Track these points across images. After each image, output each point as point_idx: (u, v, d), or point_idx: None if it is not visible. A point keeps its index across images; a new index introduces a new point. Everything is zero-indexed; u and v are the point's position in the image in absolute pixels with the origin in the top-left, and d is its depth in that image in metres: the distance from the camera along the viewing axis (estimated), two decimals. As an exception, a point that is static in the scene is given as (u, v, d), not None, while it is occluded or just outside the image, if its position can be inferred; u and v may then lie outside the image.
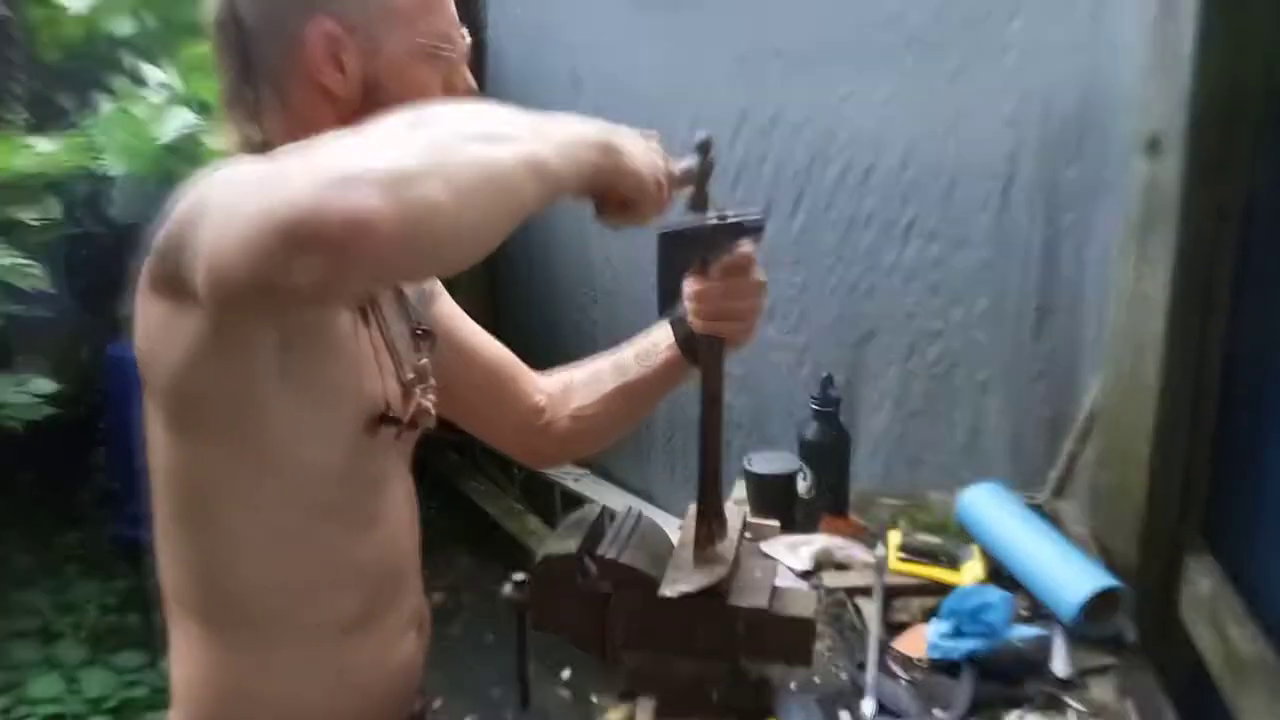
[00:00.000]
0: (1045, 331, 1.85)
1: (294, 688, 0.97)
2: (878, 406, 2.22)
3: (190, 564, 0.95)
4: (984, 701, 1.11)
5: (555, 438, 1.23)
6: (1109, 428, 1.47)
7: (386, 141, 0.66)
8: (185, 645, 0.98)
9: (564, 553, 1.11)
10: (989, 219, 1.92)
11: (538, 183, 0.71)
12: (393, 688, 1.06)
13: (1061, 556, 1.28)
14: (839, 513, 1.52)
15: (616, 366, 1.20)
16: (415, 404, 1.01)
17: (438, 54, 0.92)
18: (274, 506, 0.91)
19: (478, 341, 1.21)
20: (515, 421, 1.23)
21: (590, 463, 3.52)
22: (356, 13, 0.88)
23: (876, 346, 2.21)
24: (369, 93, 0.90)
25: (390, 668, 1.05)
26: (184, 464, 0.91)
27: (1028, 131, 1.83)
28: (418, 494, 1.13)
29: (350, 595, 0.99)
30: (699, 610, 1.07)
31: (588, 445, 1.28)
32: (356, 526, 0.98)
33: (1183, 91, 1.26)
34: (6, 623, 3.17)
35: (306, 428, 0.90)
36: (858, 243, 2.22)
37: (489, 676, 3.03)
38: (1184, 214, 1.30)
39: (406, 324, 1.05)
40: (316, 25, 0.87)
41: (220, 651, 0.96)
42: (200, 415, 0.88)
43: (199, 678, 0.98)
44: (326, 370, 0.90)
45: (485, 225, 0.69)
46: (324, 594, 0.97)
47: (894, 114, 2.09)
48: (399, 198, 0.61)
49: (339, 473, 0.93)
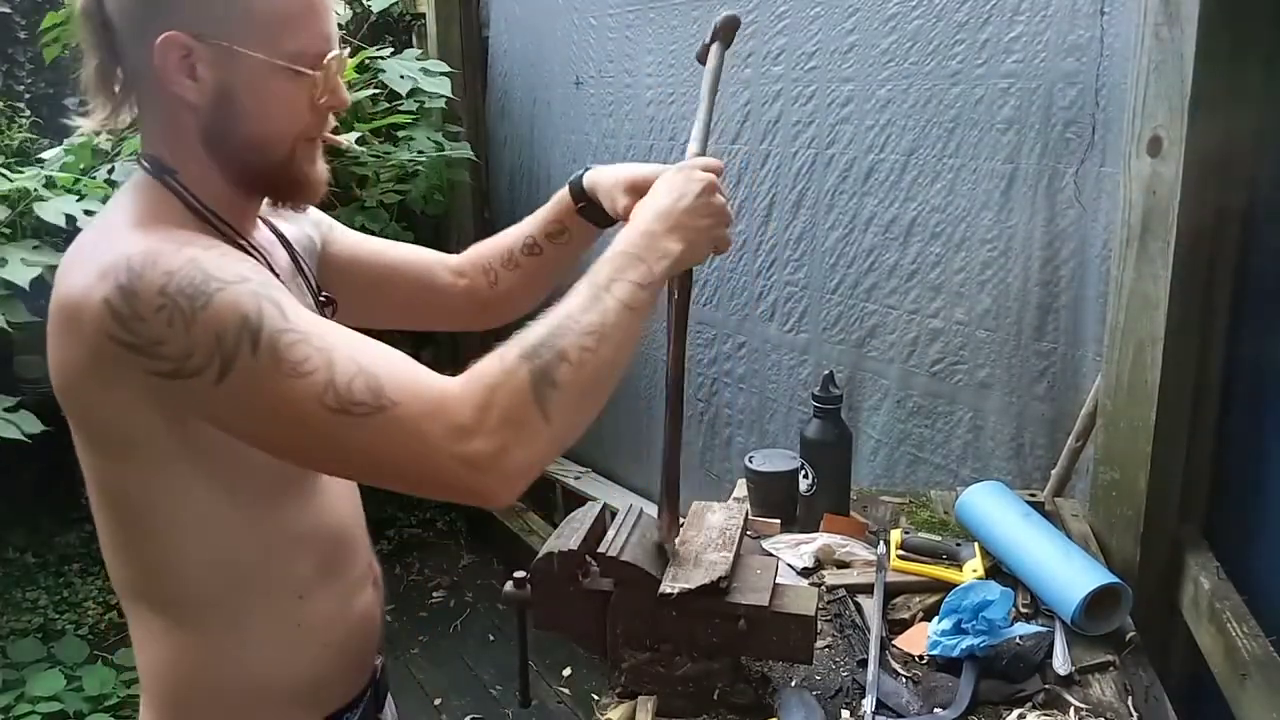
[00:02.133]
0: (1046, 331, 1.85)
1: (258, 654, 1.00)
2: (879, 405, 2.23)
3: (136, 558, 0.97)
4: (984, 699, 1.12)
5: (492, 302, 1.29)
6: (1109, 426, 1.47)
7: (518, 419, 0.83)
8: (145, 635, 1.00)
9: (565, 551, 1.11)
10: (990, 218, 1.92)
11: (627, 361, 0.91)
12: (355, 640, 1.09)
13: (1062, 554, 1.28)
14: (840, 511, 1.52)
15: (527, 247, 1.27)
16: None
17: (298, 73, 0.93)
18: (209, 500, 0.93)
19: (386, 254, 1.26)
20: (448, 306, 1.29)
21: (591, 462, 3.52)
22: (212, 23, 0.88)
23: (878, 345, 2.21)
24: (223, 102, 0.91)
25: (350, 621, 1.08)
26: (114, 477, 0.93)
27: (1028, 132, 1.83)
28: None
29: (303, 562, 1.02)
30: (699, 608, 1.07)
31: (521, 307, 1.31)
32: (297, 500, 1.01)
33: (1183, 91, 1.27)
34: (7, 620, 3.18)
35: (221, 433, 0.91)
36: (859, 242, 2.22)
37: (489, 675, 3.03)
38: (1184, 214, 1.30)
39: (310, 294, 1.09)
40: (167, 38, 0.87)
41: (180, 635, 0.98)
42: (115, 442, 0.90)
43: (164, 665, 0.99)
44: None
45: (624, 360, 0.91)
46: (274, 565, 0.99)
47: (895, 115, 2.10)
48: (513, 483, 0.84)
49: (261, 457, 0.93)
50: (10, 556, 3.57)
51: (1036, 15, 1.80)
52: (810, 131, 2.33)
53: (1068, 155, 1.77)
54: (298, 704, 1.03)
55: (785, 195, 2.42)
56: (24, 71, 3.51)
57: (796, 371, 2.48)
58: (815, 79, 2.29)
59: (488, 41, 3.67)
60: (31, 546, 3.63)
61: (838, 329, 2.31)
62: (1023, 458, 1.92)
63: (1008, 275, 1.91)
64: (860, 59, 2.16)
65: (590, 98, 3.15)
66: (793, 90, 2.37)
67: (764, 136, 2.47)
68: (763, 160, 2.48)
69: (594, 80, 3.13)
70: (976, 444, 2.02)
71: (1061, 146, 1.78)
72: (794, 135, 2.38)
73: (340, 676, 1.08)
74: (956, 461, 2.06)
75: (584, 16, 3.11)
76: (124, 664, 2.94)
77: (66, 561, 3.57)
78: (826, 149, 2.28)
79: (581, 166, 1.23)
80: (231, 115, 0.91)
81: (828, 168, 2.28)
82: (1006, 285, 1.91)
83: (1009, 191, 1.88)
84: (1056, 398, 1.85)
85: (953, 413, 2.05)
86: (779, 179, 2.44)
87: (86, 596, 3.39)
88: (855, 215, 2.22)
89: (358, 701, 1.10)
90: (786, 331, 2.48)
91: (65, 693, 2.75)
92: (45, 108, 3.49)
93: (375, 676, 1.15)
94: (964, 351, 2.01)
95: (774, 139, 2.44)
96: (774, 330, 2.52)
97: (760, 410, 2.64)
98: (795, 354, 2.47)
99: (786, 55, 2.37)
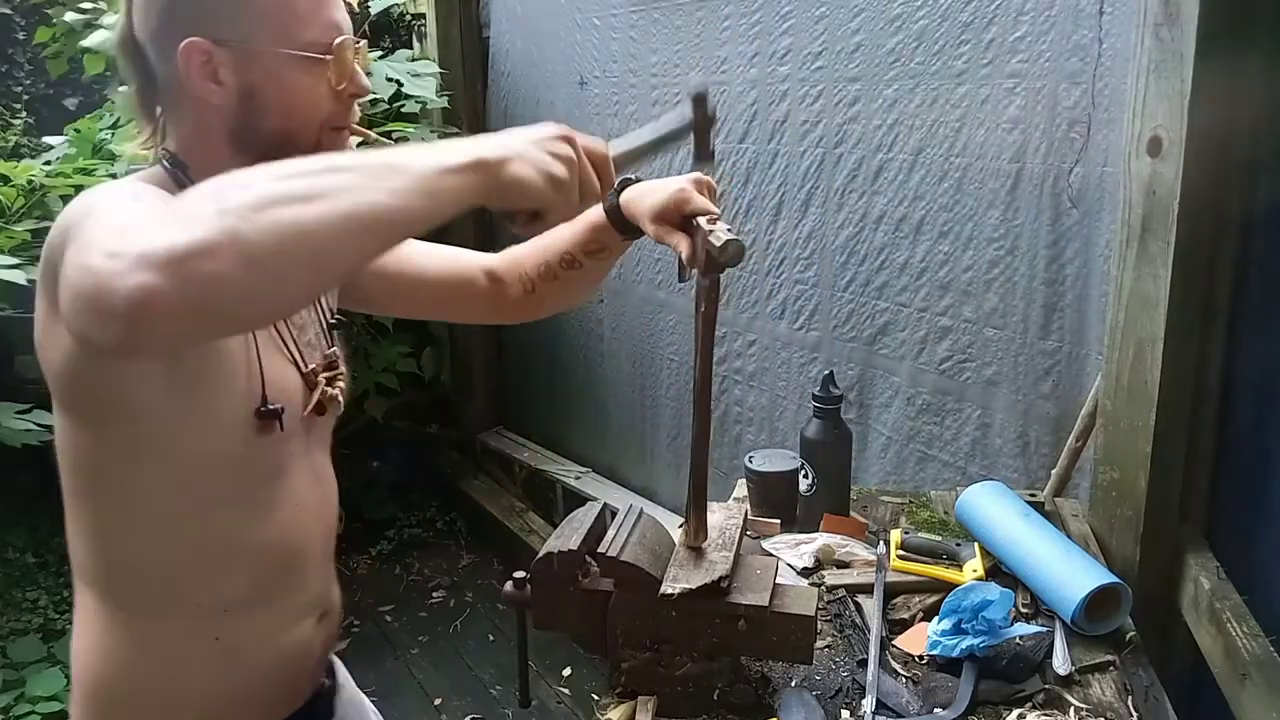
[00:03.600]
0: (1052, 329, 1.85)
1: (176, 661, 1.01)
2: (889, 403, 2.23)
3: (86, 536, 0.99)
4: (984, 699, 1.12)
5: (525, 305, 1.30)
6: (1110, 426, 1.47)
7: (185, 215, 0.68)
8: (84, 616, 1.02)
9: (565, 551, 1.11)
10: (996, 217, 1.93)
11: (367, 231, 0.73)
12: (283, 669, 1.08)
13: (1062, 554, 1.28)
14: (840, 511, 1.52)
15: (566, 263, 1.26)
16: (320, 392, 1.06)
17: (312, 61, 0.96)
18: (159, 491, 0.95)
19: (418, 260, 1.26)
20: (480, 303, 1.30)
21: (591, 462, 3.52)
22: (228, 27, 0.92)
23: (889, 343, 2.22)
24: (247, 101, 0.95)
25: (281, 650, 1.07)
26: (77, 446, 0.96)
27: (1033, 131, 1.84)
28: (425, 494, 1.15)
29: (237, 577, 1.02)
30: (700, 608, 1.07)
31: (558, 310, 1.37)
32: (248, 513, 1.01)
33: (1183, 91, 1.27)
34: (7, 620, 3.18)
35: (191, 422, 0.94)
36: (870, 240, 2.23)
37: (489, 675, 3.03)
38: (1184, 214, 1.30)
39: (317, 316, 1.11)
40: (187, 44, 0.92)
41: (110, 623, 1.00)
42: (85, 408, 0.93)
43: (94, 648, 1.02)
44: (210, 365, 0.94)
45: (292, 284, 0.71)
46: (210, 574, 1.00)
47: (902, 115, 2.10)
48: (180, 275, 0.64)
49: (229, 462, 0.97)
50: (10, 556, 3.57)
51: (1041, 15, 1.80)
52: (818, 131, 2.33)
53: (1071, 155, 1.77)
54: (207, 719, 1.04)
55: (794, 194, 2.43)
56: (22, 72, 3.51)
57: (807, 369, 2.48)
58: (822, 79, 2.30)
59: (488, 41, 3.66)
60: (31, 546, 3.63)
61: (849, 326, 2.32)
62: (1028, 456, 1.92)
63: (1014, 274, 1.91)
64: (866, 59, 2.17)
65: (595, 97, 3.15)
66: (799, 90, 2.37)
67: (771, 136, 2.47)
68: (771, 159, 2.49)
69: (598, 80, 3.13)
70: (984, 441, 2.02)
71: (1065, 146, 1.78)
72: (802, 134, 2.38)
73: (260, 702, 1.07)
74: (965, 459, 2.06)
75: (587, 16, 3.11)
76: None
77: (66, 561, 3.52)
78: (835, 148, 2.29)
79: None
80: (257, 112, 0.95)
81: (836, 166, 2.29)
82: (1013, 284, 1.92)
83: (1015, 190, 1.89)
84: (1061, 396, 1.85)
85: (961, 410, 2.06)
86: (788, 178, 2.44)
87: (87, 596, 3.39)
88: (865, 213, 2.23)
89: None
90: (797, 329, 2.48)
91: (65, 693, 2.75)
92: (44, 108, 3.49)
93: (315, 702, 1.15)
94: (972, 349, 2.02)
95: (782, 138, 2.44)
96: (784, 328, 2.53)
97: (770, 408, 2.64)
98: (805, 352, 2.48)
99: (793, 55, 2.37)
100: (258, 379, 0.98)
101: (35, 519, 3.72)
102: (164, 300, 0.63)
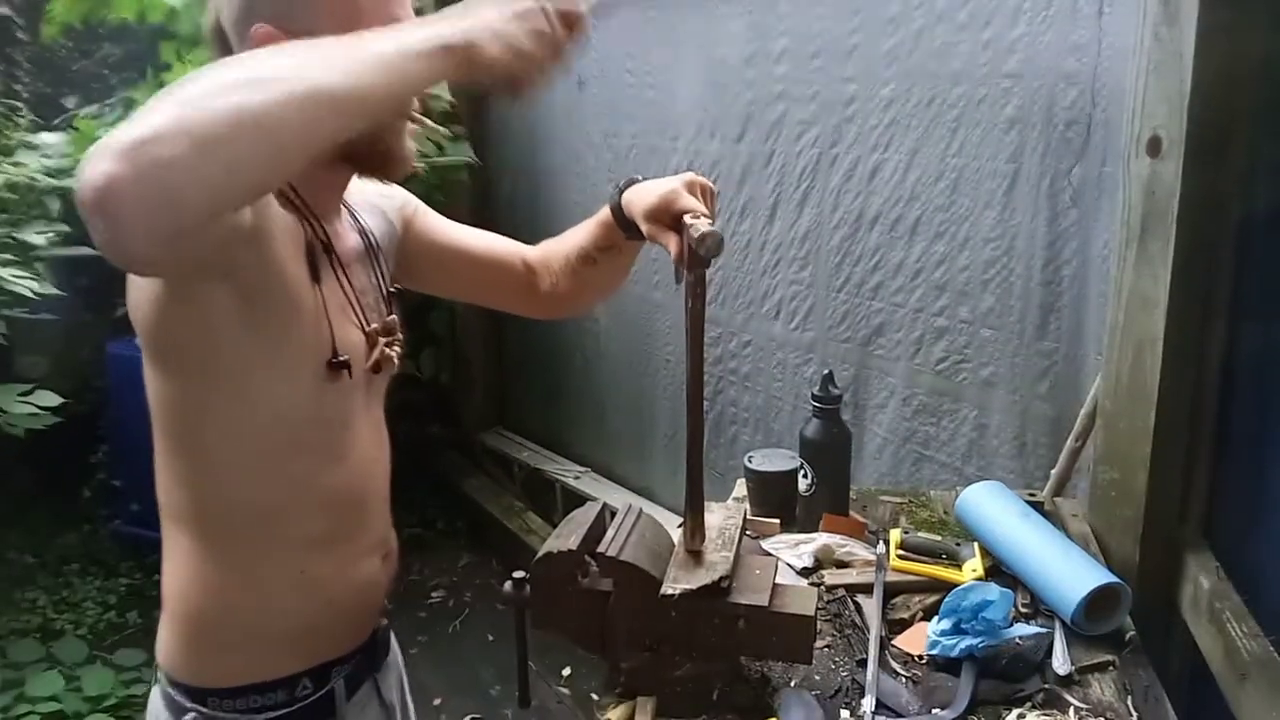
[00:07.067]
0: (1049, 330, 1.85)
1: (268, 591, 1.08)
2: (885, 403, 2.23)
3: (179, 480, 1.05)
4: (984, 699, 1.12)
5: (553, 299, 1.37)
6: (1109, 426, 1.47)
7: (147, 109, 0.71)
8: (176, 555, 1.09)
9: (564, 550, 1.11)
10: (993, 218, 1.93)
11: (321, 109, 0.75)
12: (357, 601, 1.17)
13: (1062, 554, 1.28)
14: (839, 510, 1.52)
15: (582, 259, 1.32)
16: (379, 351, 1.12)
17: None
18: (246, 436, 1.01)
19: (464, 240, 1.34)
20: (516, 291, 1.37)
21: (591, 462, 3.52)
22: (297, 17, 0.96)
23: (884, 343, 2.22)
24: None
25: (356, 584, 1.15)
26: (168, 395, 1.01)
27: (1030, 131, 1.84)
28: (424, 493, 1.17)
29: (317, 518, 1.09)
30: (699, 608, 1.07)
31: (585, 306, 1.45)
32: (323, 459, 1.08)
33: (1183, 91, 1.27)
34: (6, 620, 3.18)
35: (270, 372, 0.99)
36: (865, 240, 2.23)
37: (489, 675, 3.03)
38: (1184, 214, 1.30)
39: (377, 283, 1.17)
40: (258, 30, 0.96)
41: (204, 561, 1.07)
42: (173, 357, 0.99)
43: (187, 584, 1.08)
44: (285, 321, 0.99)
45: (247, 165, 0.73)
46: (293, 515, 1.07)
47: (899, 114, 2.10)
48: (133, 160, 0.68)
49: (305, 411, 1.03)
50: (10, 556, 3.57)
51: (1038, 16, 1.80)
52: (814, 131, 2.33)
53: (1069, 155, 1.77)
54: (292, 646, 1.10)
55: (790, 194, 2.43)
56: (23, 71, 3.51)
57: (802, 370, 2.49)
58: (818, 79, 2.30)
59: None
60: (31, 546, 3.63)
61: (844, 327, 2.32)
62: (1025, 457, 1.92)
63: (1011, 274, 1.91)
64: (863, 59, 2.17)
65: (593, 98, 3.15)
66: (796, 90, 2.37)
67: (767, 136, 2.47)
68: (766, 159, 2.49)
69: (596, 80, 3.13)
70: (981, 442, 2.02)
71: (1063, 147, 1.78)
72: (798, 134, 2.38)
73: (336, 631, 1.15)
74: (961, 460, 2.06)
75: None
76: (123, 664, 2.94)
77: (66, 561, 3.56)
78: (831, 148, 2.29)
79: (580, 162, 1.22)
80: None
81: (832, 167, 2.29)
82: (1010, 284, 1.92)
83: (1011, 191, 1.89)
84: (1058, 397, 1.85)
85: (958, 411, 2.06)
86: (784, 178, 2.44)
87: (86, 596, 3.38)
88: (861, 213, 2.23)
89: (349, 657, 1.16)
90: (792, 330, 2.48)
91: (64, 693, 2.75)
92: (46, 108, 3.49)
93: (375, 637, 1.22)
94: (969, 350, 2.02)
95: (778, 138, 2.45)
96: (779, 329, 2.53)
97: (766, 409, 2.64)
98: (801, 352, 2.48)
99: (789, 55, 2.38)
100: (327, 333, 1.04)
101: (35, 519, 3.73)
102: (121, 184, 0.67)
